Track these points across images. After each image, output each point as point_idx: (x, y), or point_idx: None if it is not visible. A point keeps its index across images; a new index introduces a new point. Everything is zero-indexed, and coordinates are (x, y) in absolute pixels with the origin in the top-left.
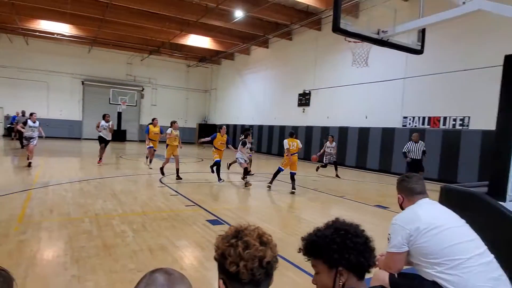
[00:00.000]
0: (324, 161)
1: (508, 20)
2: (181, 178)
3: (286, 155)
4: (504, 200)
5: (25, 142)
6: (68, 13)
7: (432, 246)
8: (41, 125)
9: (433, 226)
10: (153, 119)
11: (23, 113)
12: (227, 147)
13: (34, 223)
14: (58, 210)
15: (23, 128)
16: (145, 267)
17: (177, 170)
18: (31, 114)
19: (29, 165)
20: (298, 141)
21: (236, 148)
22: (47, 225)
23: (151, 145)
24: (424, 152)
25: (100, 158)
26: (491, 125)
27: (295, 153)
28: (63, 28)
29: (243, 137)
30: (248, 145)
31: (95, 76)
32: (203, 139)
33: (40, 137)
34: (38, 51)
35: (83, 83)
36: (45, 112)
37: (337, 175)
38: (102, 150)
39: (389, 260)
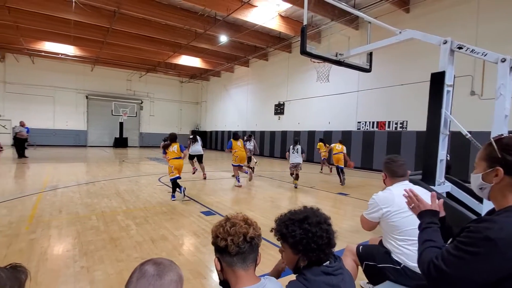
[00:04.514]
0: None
1: (432, 45)
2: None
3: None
4: (434, 184)
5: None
6: (72, 36)
7: (399, 225)
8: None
9: (403, 210)
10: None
11: (22, 123)
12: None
13: (44, 223)
14: (66, 210)
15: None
16: (148, 255)
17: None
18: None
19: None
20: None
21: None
22: (56, 224)
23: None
24: None
25: None
26: (423, 127)
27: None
28: (67, 49)
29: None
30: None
31: (98, 91)
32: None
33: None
34: (44, 69)
35: (87, 97)
36: (51, 124)
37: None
38: None
39: (363, 220)
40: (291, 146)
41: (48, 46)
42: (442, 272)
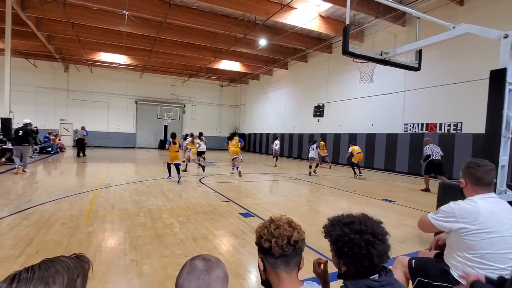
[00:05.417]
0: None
1: (490, 40)
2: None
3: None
4: (494, 193)
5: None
6: (124, 46)
7: (478, 246)
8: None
9: (487, 230)
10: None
11: (83, 128)
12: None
13: (99, 217)
14: (118, 206)
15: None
16: (190, 252)
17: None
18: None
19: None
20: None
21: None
22: (110, 219)
23: None
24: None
25: None
26: (480, 129)
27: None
28: (120, 59)
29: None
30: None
31: (146, 96)
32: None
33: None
34: (100, 77)
35: (136, 102)
36: (105, 127)
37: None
38: None
39: (424, 222)
40: (310, 145)
41: (104, 56)
42: None
